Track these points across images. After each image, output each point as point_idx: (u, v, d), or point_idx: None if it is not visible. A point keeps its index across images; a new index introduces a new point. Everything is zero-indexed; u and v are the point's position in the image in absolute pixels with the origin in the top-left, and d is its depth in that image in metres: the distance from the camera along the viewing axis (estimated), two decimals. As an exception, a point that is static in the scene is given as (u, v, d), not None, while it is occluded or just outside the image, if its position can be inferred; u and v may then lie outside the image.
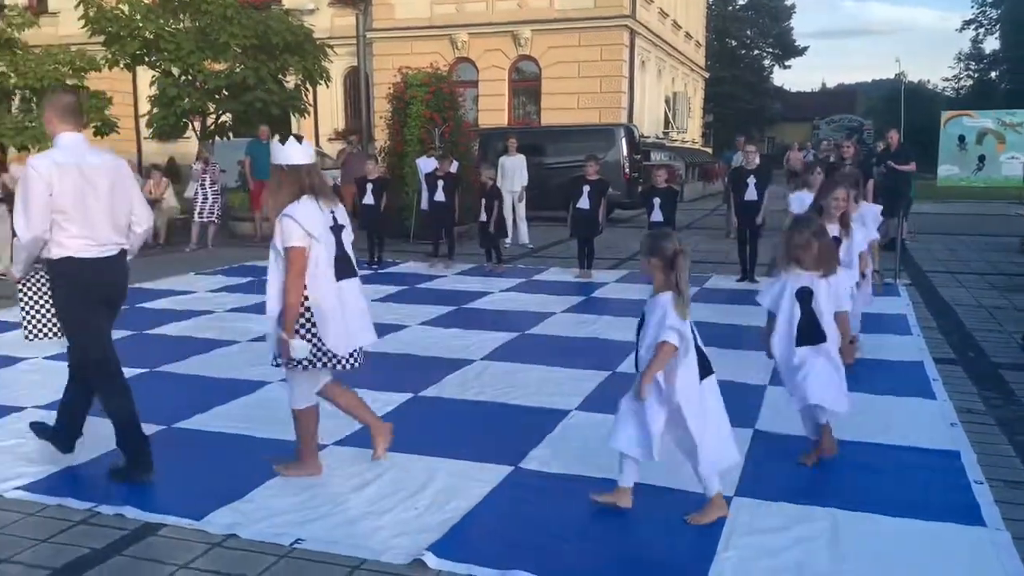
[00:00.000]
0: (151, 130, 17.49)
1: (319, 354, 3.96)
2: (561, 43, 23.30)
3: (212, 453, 4.55)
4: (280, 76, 17.05)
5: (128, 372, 6.05)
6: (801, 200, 7.14)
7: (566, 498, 3.96)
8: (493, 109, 24.23)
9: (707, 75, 38.61)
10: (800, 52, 56.37)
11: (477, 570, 3.27)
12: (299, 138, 4.02)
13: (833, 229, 5.22)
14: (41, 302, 4.26)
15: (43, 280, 4.22)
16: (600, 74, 23.24)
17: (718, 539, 3.51)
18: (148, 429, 4.78)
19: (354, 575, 3.25)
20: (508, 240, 12.99)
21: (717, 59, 46.53)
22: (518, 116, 24.66)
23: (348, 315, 4.03)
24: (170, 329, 7.64)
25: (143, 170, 16.26)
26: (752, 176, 9.86)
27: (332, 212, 4.04)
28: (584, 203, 10.42)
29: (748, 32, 53.87)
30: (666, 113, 29.94)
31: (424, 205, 12.34)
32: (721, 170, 19.50)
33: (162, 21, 16.39)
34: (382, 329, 7.48)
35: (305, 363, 3.96)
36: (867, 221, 6.44)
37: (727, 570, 3.26)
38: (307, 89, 18.26)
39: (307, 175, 3.95)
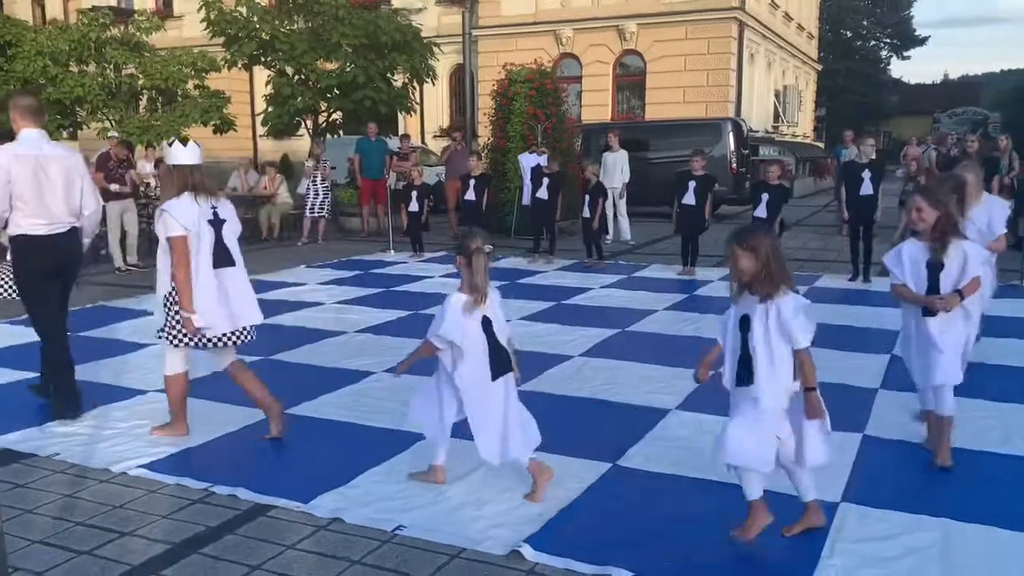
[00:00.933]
0: (266, 128, 18.19)
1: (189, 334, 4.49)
2: (667, 37, 22.95)
3: (319, 439, 4.71)
4: (388, 74, 17.43)
5: (246, 359, 6.34)
6: None
7: (665, 497, 3.93)
8: (596, 104, 24.09)
9: (820, 67, 37.31)
10: (920, 42, 53.74)
11: (574, 564, 3.28)
12: (184, 141, 4.52)
13: (928, 250, 4.21)
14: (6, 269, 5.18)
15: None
16: (707, 67, 22.77)
17: (822, 545, 3.41)
18: (260, 415, 5.00)
19: (453, 563, 3.31)
20: (609, 236, 12.93)
21: (830, 51, 44.86)
22: (622, 111, 24.43)
23: (229, 299, 4.53)
24: (284, 319, 7.93)
25: (259, 167, 16.92)
26: (867, 170, 9.46)
27: (213, 207, 4.53)
28: (690, 199, 10.24)
29: (864, 22, 51.67)
30: (776, 107, 29.11)
31: (526, 200, 12.41)
32: (832, 166, 18.80)
33: (277, 22, 17.01)
34: (483, 323, 7.64)
35: (187, 341, 4.50)
36: (993, 217, 5.78)
37: (831, 577, 3.17)
38: (414, 87, 18.60)
39: (190, 174, 4.48)
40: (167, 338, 4.52)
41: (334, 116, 18.02)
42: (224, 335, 4.55)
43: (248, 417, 4.99)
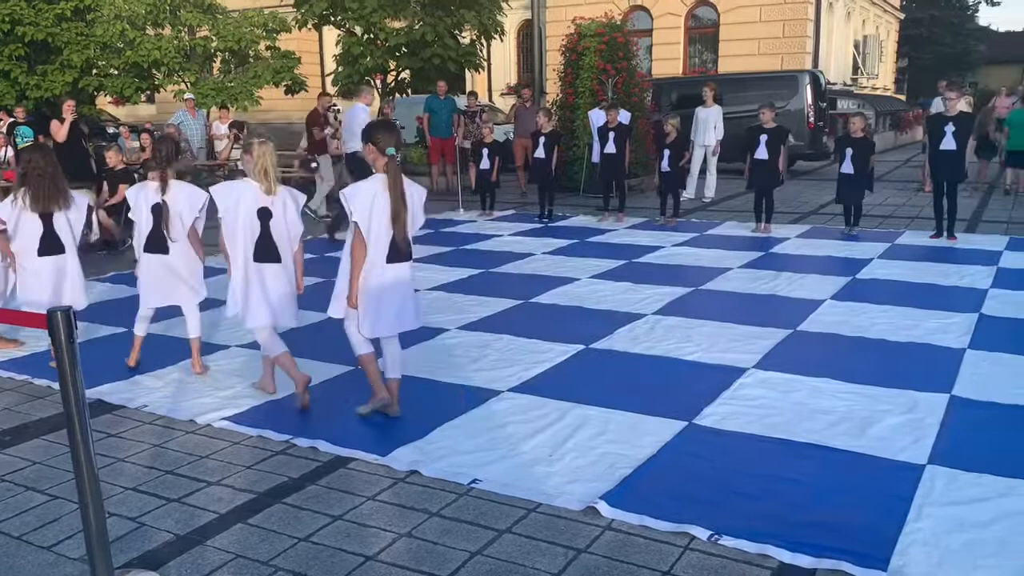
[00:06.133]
0: (336, 88, 18.29)
1: None
2: (741, -13, 22.23)
3: (395, 395, 4.77)
4: (456, 31, 17.31)
5: (319, 316, 6.41)
6: None
7: (741, 456, 3.86)
8: (668, 58, 23.52)
9: (902, 16, 35.67)
10: (1013, -14, 50.77)
11: (651, 521, 3.26)
12: None
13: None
14: None
15: None
16: (783, 18, 21.99)
17: (908, 508, 3.32)
18: (338, 370, 5.11)
19: (530, 517, 3.33)
20: (688, 193, 12.74)
21: (914, -2, 42.78)
22: (693, 65, 23.82)
23: None
24: (355, 277, 8.03)
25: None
26: (951, 124, 9.03)
27: None
28: (762, 153, 9.95)
29: (951, -33, 49.01)
30: (855, 58, 27.99)
31: (595, 158, 12.24)
32: (919, 116, 17.96)
33: (346, -19, 17.00)
34: (552, 282, 7.63)
35: None
36: None
37: (919, 541, 3.07)
38: (482, 44, 18.44)
39: None
40: None
41: (403, 75, 18.02)
42: None
43: (327, 371, 5.09)
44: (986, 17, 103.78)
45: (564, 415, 4.37)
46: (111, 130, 20.79)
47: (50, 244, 5.27)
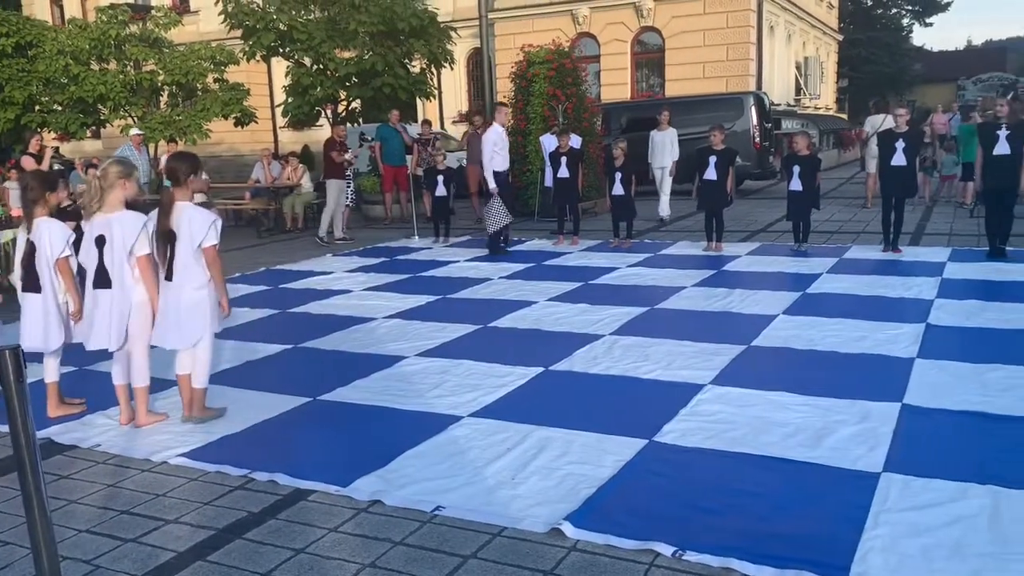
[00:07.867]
0: (287, 119, 18.21)
1: None
2: (685, 12, 22.67)
3: (354, 424, 4.73)
4: (406, 61, 17.38)
5: (274, 348, 6.41)
6: None
7: (702, 472, 3.90)
8: (616, 83, 23.87)
9: (840, 38, 36.73)
10: (943, 7, 52.60)
11: (615, 540, 3.26)
12: None
13: None
14: None
15: None
16: (726, 42, 22.49)
17: (866, 516, 3.37)
18: (295, 401, 5.05)
19: (495, 542, 3.31)
20: (663, 211, 13.06)
21: (851, 21, 44.09)
22: (641, 89, 24.21)
23: None
24: (312, 307, 7.97)
25: (281, 158, 16.98)
26: (901, 140, 9.30)
27: None
28: (711, 174, 10.13)
29: (885, -10, 50.66)
30: (797, 79, 28.70)
31: (548, 182, 12.34)
32: (858, 134, 18.46)
33: (294, 12, 17.00)
34: (510, 306, 7.65)
35: None
36: None
37: (877, 548, 3.12)
38: (432, 72, 18.53)
39: None
40: None
41: (353, 104, 18.01)
42: None
43: (284, 403, 5.03)
44: (920, 38, 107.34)
45: (526, 438, 4.37)
46: (56, 166, 20.40)
47: None
